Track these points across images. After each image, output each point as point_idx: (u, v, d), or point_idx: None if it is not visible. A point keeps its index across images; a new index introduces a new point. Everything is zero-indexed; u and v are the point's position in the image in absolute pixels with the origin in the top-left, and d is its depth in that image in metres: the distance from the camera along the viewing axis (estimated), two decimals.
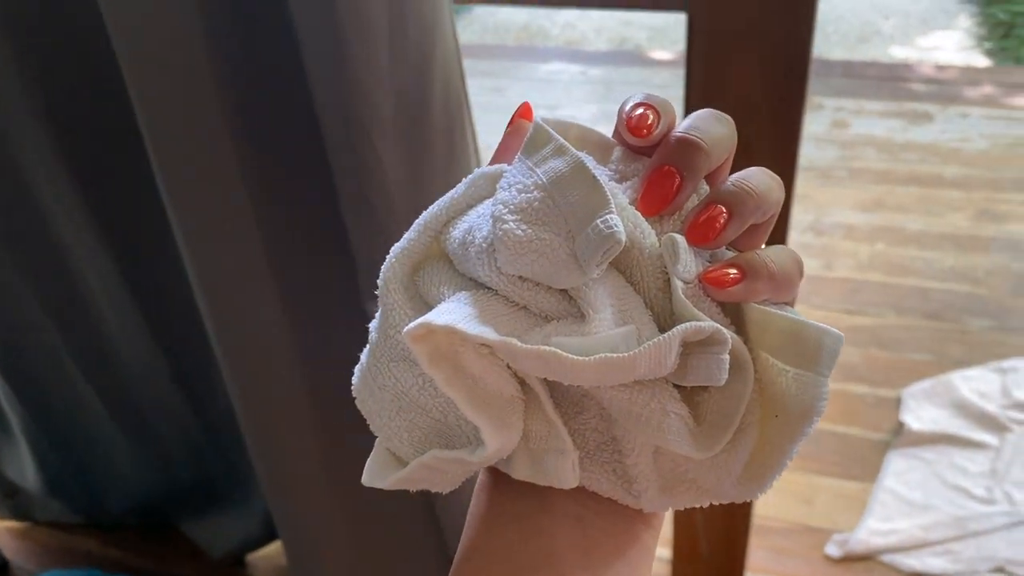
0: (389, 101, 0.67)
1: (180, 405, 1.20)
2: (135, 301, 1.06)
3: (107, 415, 1.24)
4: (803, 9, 0.69)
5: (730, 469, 0.30)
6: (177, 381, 1.17)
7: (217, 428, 1.22)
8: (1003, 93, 2.78)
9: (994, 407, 1.67)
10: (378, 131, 0.68)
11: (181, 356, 1.14)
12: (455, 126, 0.74)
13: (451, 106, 0.73)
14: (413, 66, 0.68)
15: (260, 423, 0.93)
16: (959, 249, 2.12)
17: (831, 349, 0.28)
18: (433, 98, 0.71)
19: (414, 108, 0.70)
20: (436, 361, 0.28)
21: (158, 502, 1.40)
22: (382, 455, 0.33)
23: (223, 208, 0.75)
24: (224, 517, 1.36)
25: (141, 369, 1.16)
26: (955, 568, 1.42)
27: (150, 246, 0.99)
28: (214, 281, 0.81)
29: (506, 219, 0.29)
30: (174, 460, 1.30)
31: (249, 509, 1.34)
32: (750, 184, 0.30)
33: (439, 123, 0.72)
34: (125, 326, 1.10)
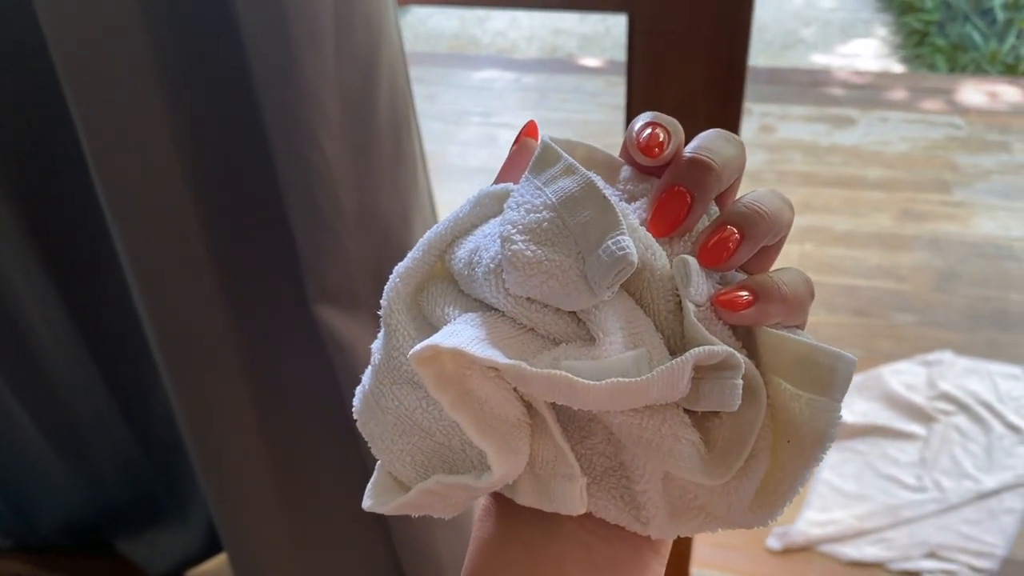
0: (336, 101, 0.67)
1: (115, 419, 1.17)
2: (67, 309, 1.03)
3: (37, 431, 1.19)
4: (741, 11, 0.71)
5: (741, 496, 0.29)
6: (112, 394, 1.13)
7: (154, 441, 1.19)
8: (919, 98, 2.89)
9: (921, 399, 1.73)
10: (325, 131, 0.67)
11: (117, 368, 1.10)
12: (401, 126, 0.74)
13: (397, 106, 0.73)
14: (360, 66, 0.67)
15: (205, 435, 0.91)
16: (884, 248, 2.19)
17: (844, 374, 0.28)
18: (380, 98, 0.70)
19: (361, 108, 0.69)
20: (442, 384, 0.28)
21: (92, 520, 1.36)
22: (384, 479, 0.32)
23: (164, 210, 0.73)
24: (162, 533, 1.33)
25: (74, 383, 1.12)
26: (889, 555, 1.46)
27: (85, 252, 0.96)
28: (155, 287, 0.79)
29: (515, 239, 0.29)
30: (108, 476, 1.27)
31: (188, 524, 1.30)
32: (762, 205, 0.30)
33: (386, 123, 0.72)
34: (57, 337, 1.07)
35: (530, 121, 0.35)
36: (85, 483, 1.28)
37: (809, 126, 2.76)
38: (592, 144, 0.33)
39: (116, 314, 1.00)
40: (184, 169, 0.71)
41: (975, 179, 2.44)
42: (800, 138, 2.70)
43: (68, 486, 1.29)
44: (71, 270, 0.99)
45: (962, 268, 2.11)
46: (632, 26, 0.74)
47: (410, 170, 0.77)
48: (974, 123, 2.71)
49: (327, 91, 0.66)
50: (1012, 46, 3.32)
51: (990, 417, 1.68)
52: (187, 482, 1.23)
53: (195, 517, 1.29)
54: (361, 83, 0.68)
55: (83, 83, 0.67)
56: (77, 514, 1.35)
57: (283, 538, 1.00)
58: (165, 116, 0.68)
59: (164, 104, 0.67)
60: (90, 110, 0.68)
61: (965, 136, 2.64)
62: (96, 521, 1.36)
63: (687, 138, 0.32)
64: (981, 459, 1.61)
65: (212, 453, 0.92)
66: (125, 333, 1.00)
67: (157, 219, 0.74)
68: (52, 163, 0.87)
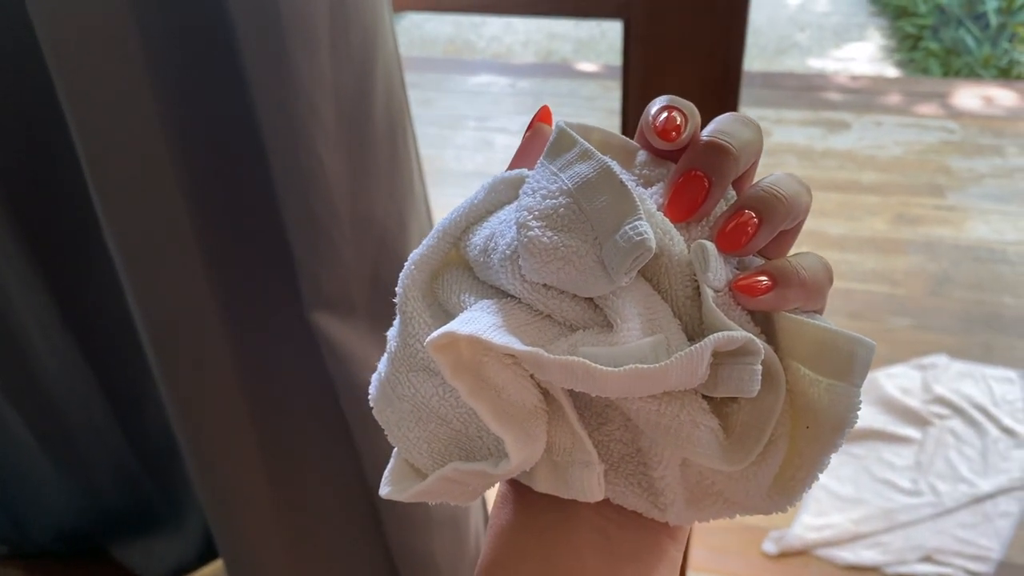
0: (331, 107, 0.67)
1: (110, 425, 1.16)
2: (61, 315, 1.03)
3: (32, 438, 1.19)
4: (736, 16, 0.71)
5: (760, 482, 0.29)
6: (107, 401, 1.13)
7: (149, 448, 1.19)
8: (913, 102, 2.90)
9: (916, 402, 1.73)
10: (320, 137, 0.67)
11: (112, 375, 1.10)
12: (397, 132, 0.74)
13: (393, 112, 0.73)
14: (355, 72, 0.67)
15: (200, 441, 0.90)
16: (878, 252, 2.20)
17: (864, 359, 0.28)
18: (375, 104, 0.70)
19: (357, 114, 0.69)
20: (459, 371, 0.27)
21: (87, 527, 1.36)
22: (400, 467, 0.32)
23: (159, 217, 0.73)
24: (158, 539, 1.32)
25: (69, 390, 1.12)
26: (885, 559, 1.46)
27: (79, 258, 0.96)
28: (150, 293, 0.78)
29: (531, 225, 0.28)
30: (104, 483, 1.26)
31: (184, 529, 1.30)
32: (780, 189, 0.29)
33: (382, 129, 0.72)
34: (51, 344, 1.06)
35: (543, 106, 0.34)
36: (80, 490, 1.28)
37: (804, 130, 2.77)
38: (607, 129, 0.33)
39: (111, 320, 1.00)
40: (179, 175, 0.70)
41: (969, 183, 2.45)
42: (795, 142, 2.71)
43: (63, 493, 1.28)
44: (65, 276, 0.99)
45: (956, 272, 2.12)
46: (628, 32, 0.74)
47: (406, 175, 0.77)
48: (968, 127, 2.72)
49: (322, 96, 0.66)
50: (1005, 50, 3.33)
51: (985, 421, 1.69)
52: (182, 488, 1.22)
53: (191, 523, 1.29)
54: (357, 88, 0.68)
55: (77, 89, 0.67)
56: (72, 521, 1.35)
57: (279, 543, 1.00)
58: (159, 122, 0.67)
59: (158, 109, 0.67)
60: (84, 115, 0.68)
61: (959, 140, 2.65)
62: (91, 528, 1.36)
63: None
64: (976, 463, 1.61)
65: (207, 459, 0.92)
66: (120, 339, 1.00)
67: (152, 225, 0.74)
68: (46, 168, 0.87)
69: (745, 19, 0.71)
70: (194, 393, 0.86)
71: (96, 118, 0.69)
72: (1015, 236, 2.22)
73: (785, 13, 3.99)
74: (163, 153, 0.70)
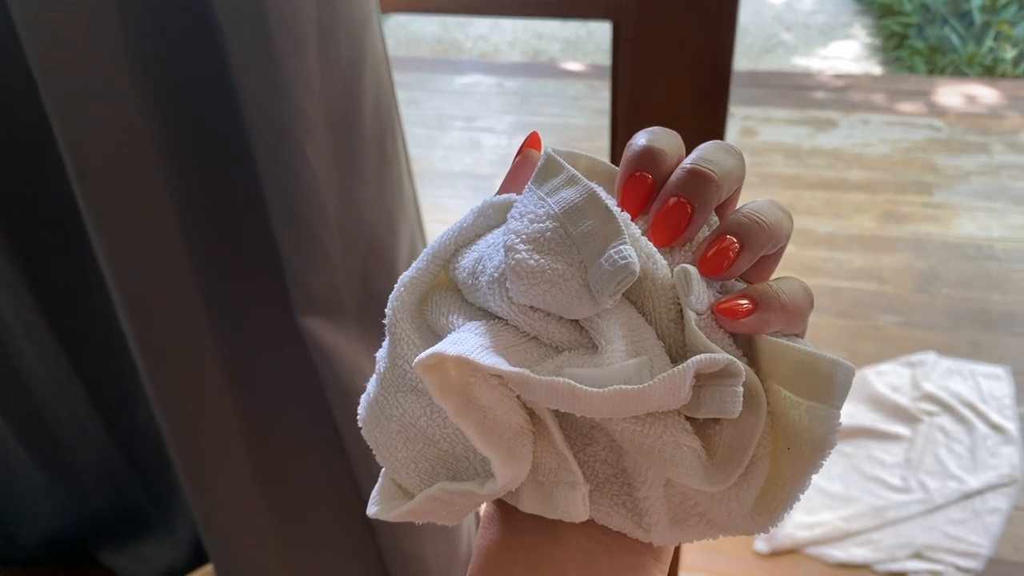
0: (320, 110, 0.66)
1: (98, 431, 1.15)
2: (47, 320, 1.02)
3: (18, 443, 1.18)
4: (725, 17, 0.71)
5: (742, 502, 0.29)
6: (95, 406, 1.12)
7: (138, 453, 1.18)
8: (899, 100, 2.91)
9: (906, 400, 1.74)
10: (309, 140, 0.67)
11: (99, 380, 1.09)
12: (386, 133, 0.74)
13: (382, 114, 0.72)
14: (344, 75, 0.67)
15: (190, 446, 0.90)
16: (866, 249, 2.21)
17: (843, 381, 0.28)
18: (364, 105, 0.70)
19: (345, 116, 0.69)
20: (446, 391, 0.28)
21: (75, 533, 1.34)
22: (388, 487, 0.32)
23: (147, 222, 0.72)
24: (147, 545, 1.31)
25: (55, 395, 1.11)
26: (876, 556, 1.47)
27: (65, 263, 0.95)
28: (138, 298, 0.78)
29: (518, 249, 0.29)
30: (92, 488, 1.25)
31: (174, 535, 1.29)
32: (761, 216, 0.30)
33: (370, 131, 0.71)
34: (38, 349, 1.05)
35: (532, 132, 0.35)
36: (68, 495, 1.27)
37: (791, 129, 2.78)
38: (594, 156, 0.34)
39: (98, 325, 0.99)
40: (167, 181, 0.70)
41: (955, 181, 2.46)
42: (782, 141, 2.72)
43: (51, 499, 1.27)
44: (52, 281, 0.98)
45: (944, 269, 2.12)
46: (617, 33, 0.74)
47: (395, 178, 0.77)
48: (954, 125, 2.73)
49: (310, 100, 0.66)
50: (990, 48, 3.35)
51: (973, 417, 1.70)
52: (172, 493, 1.21)
53: (180, 528, 1.28)
54: (345, 91, 0.68)
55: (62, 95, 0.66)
56: (60, 527, 1.34)
57: (269, 548, 0.99)
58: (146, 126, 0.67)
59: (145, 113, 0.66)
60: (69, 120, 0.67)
61: (945, 138, 2.66)
62: (80, 533, 1.35)
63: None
64: (965, 459, 1.62)
65: (197, 464, 0.91)
66: (107, 344, 0.99)
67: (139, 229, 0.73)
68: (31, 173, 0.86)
69: (735, 20, 0.71)
70: (183, 399, 0.86)
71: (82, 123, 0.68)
72: (1002, 233, 2.23)
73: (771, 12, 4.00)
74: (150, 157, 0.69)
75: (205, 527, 1.00)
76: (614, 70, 0.77)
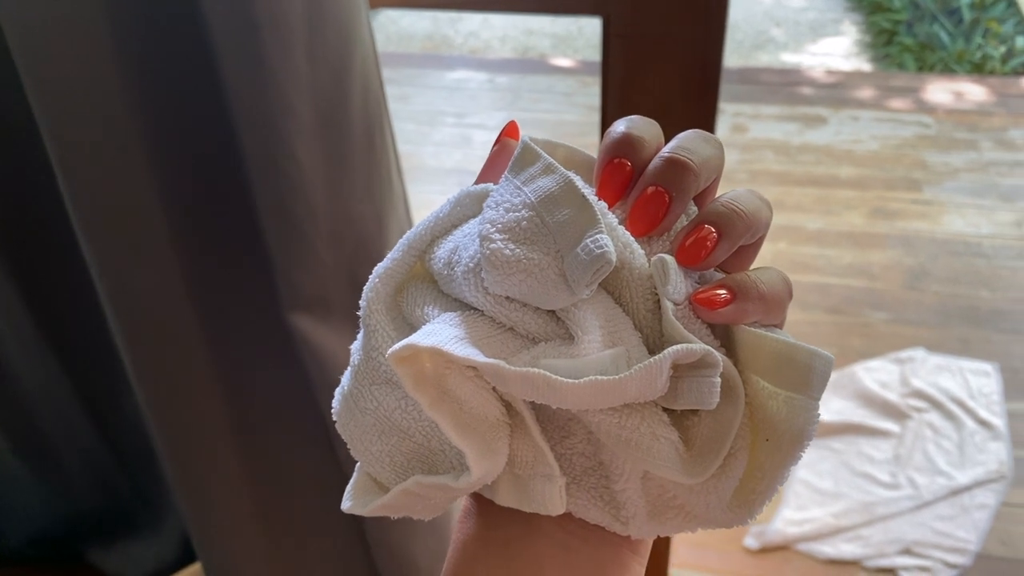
0: (308, 106, 0.66)
1: (84, 427, 1.15)
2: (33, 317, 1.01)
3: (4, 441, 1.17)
4: (715, 13, 0.71)
5: (720, 494, 0.29)
6: (82, 403, 1.11)
7: (126, 450, 1.17)
8: (888, 96, 2.92)
9: (895, 396, 1.74)
10: (297, 137, 0.66)
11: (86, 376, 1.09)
12: (375, 130, 0.73)
13: (370, 109, 0.72)
14: (332, 71, 0.66)
15: (177, 444, 0.89)
16: (856, 246, 2.21)
17: (822, 372, 0.28)
18: (353, 101, 0.69)
19: (334, 113, 0.68)
20: (420, 384, 0.27)
21: (62, 531, 1.34)
22: (363, 480, 0.32)
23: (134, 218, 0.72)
24: (135, 542, 1.31)
25: (42, 391, 1.10)
26: (865, 552, 1.47)
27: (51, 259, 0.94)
28: (125, 295, 0.77)
29: (493, 238, 0.29)
30: (79, 486, 1.24)
31: (162, 533, 1.29)
32: (739, 205, 0.30)
33: (359, 127, 0.71)
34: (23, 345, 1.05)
35: (511, 122, 0.35)
36: (56, 494, 1.26)
37: (781, 125, 2.78)
38: (572, 145, 0.34)
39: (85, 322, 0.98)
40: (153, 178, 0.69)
41: (944, 177, 2.47)
42: (772, 137, 2.72)
43: (38, 497, 1.27)
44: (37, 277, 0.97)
45: (933, 266, 2.13)
46: (607, 29, 0.74)
47: (385, 175, 0.76)
48: (943, 122, 2.74)
49: (299, 96, 0.65)
50: (979, 45, 3.36)
51: (962, 414, 1.70)
52: (160, 491, 1.21)
53: (169, 526, 1.28)
54: (333, 87, 0.67)
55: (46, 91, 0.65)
56: (47, 525, 1.33)
57: (258, 545, 0.99)
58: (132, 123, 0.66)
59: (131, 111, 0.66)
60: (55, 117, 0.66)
61: (934, 135, 2.67)
62: (67, 531, 1.34)
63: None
64: (954, 455, 1.63)
65: (184, 462, 0.91)
66: (94, 342, 0.98)
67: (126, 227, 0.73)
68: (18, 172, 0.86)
69: (724, 15, 0.71)
70: (170, 396, 0.85)
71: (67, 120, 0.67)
72: (990, 230, 2.24)
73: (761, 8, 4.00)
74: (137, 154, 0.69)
75: (192, 524, 0.99)
76: (604, 66, 0.77)
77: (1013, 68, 3.26)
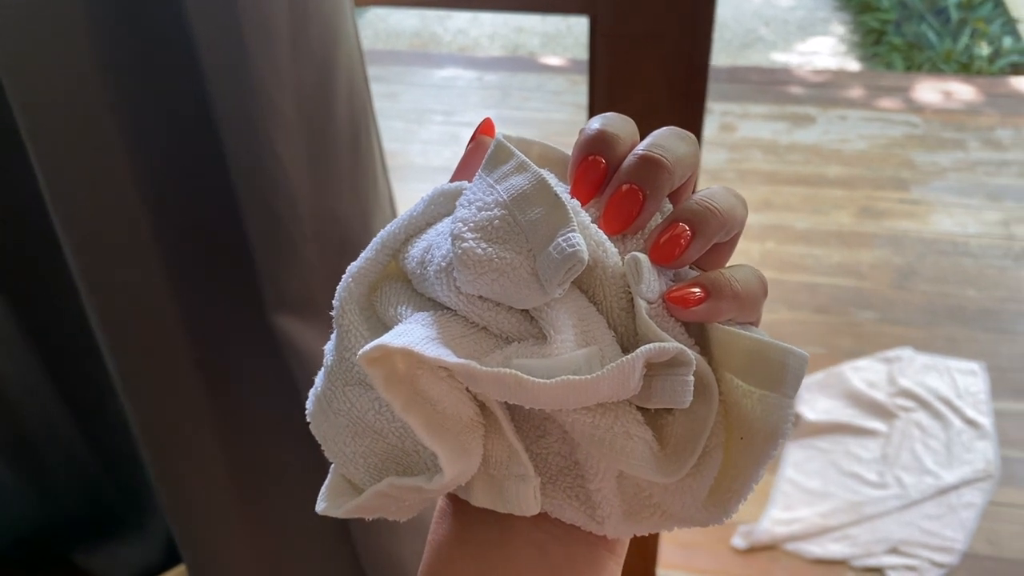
0: (291, 104, 0.65)
1: (68, 428, 1.14)
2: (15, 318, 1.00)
3: None
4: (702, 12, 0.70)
5: (695, 493, 0.29)
6: (66, 405, 1.11)
7: (110, 450, 1.16)
8: (877, 96, 2.92)
9: (882, 395, 1.75)
10: (280, 135, 0.66)
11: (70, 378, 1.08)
12: (360, 129, 0.73)
13: (355, 108, 0.71)
14: (316, 67, 0.66)
15: (161, 445, 0.88)
16: (844, 245, 2.22)
17: (795, 369, 0.28)
18: (337, 100, 0.69)
19: (317, 111, 0.68)
20: (392, 385, 0.27)
21: (47, 533, 1.33)
22: (337, 482, 0.32)
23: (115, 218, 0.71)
24: (121, 544, 1.30)
25: (25, 393, 1.09)
26: (853, 551, 1.47)
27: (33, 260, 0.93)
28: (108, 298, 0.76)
29: (465, 237, 0.28)
30: (64, 487, 1.24)
31: (148, 534, 1.28)
32: (714, 203, 0.30)
33: (343, 126, 0.70)
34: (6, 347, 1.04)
35: (486, 119, 0.34)
36: (40, 495, 1.25)
37: (769, 124, 2.79)
38: (549, 143, 0.34)
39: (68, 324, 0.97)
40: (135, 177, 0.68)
41: (932, 177, 2.48)
42: (760, 136, 2.72)
43: (23, 499, 1.26)
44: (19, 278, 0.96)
45: (920, 265, 2.14)
46: (594, 28, 0.73)
47: (369, 173, 0.76)
48: (930, 121, 2.74)
49: (282, 93, 0.64)
50: (966, 45, 3.37)
51: (949, 413, 1.71)
52: (146, 492, 1.20)
53: (154, 527, 1.27)
54: (317, 84, 0.67)
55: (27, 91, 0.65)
56: (32, 527, 1.32)
57: (243, 547, 0.98)
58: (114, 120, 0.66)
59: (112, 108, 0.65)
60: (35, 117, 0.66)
61: (922, 134, 2.68)
62: (52, 533, 1.33)
63: (643, 136, 0.32)
64: (941, 455, 1.63)
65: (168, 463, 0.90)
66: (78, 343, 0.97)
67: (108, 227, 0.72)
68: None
69: (712, 14, 0.71)
70: (154, 398, 0.85)
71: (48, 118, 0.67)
72: (977, 229, 2.25)
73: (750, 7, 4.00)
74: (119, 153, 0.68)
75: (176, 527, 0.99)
76: (591, 65, 0.76)
77: (1000, 68, 3.27)
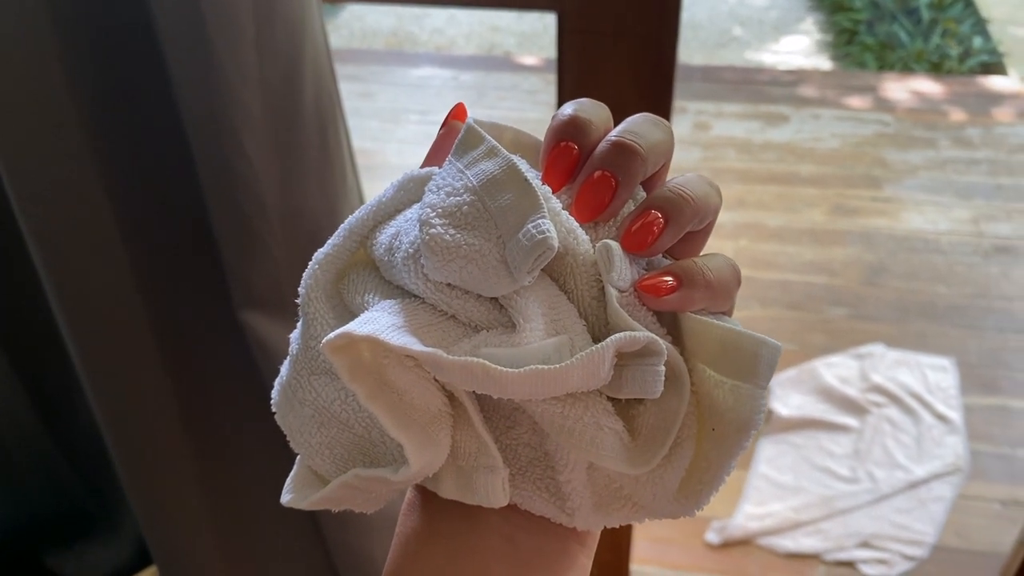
0: (258, 101, 0.65)
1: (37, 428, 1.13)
2: None
3: None
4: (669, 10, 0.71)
5: (666, 485, 0.28)
6: (33, 405, 1.09)
7: (79, 452, 1.15)
8: (849, 95, 2.95)
9: (854, 391, 1.76)
10: (247, 132, 0.65)
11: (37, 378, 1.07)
12: (328, 125, 0.72)
13: (323, 105, 0.71)
14: (282, 65, 0.66)
15: (129, 443, 0.88)
16: (816, 243, 2.24)
17: (768, 360, 0.27)
18: (304, 97, 0.69)
19: (285, 108, 0.67)
20: (357, 374, 0.27)
21: (16, 534, 1.31)
22: (303, 473, 0.31)
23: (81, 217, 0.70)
24: (91, 545, 1.29)
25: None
26: (825, 545, 1.49)
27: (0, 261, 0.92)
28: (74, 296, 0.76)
29: (433, 223, 0.28)
30: (33, 488, 1.22)
31: (118, 535, 1.27)
32: (688, 190, 0.29)
33: (311, 123, 0.70)
34: None
35: (458, 104, 0.34)
36: (9, 497, 1.24)
37: (743, 123, 2.80)
38: (520, 128, 0.33)
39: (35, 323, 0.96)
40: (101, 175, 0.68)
41: (904, 175, 2.50)
42: (734, 135, 2.74)
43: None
44: None
45: (892, 262, 2.16)
46: (562, 25, 0.74)
47: (338, 170, 0.75)
48: (902, 120, 2.77)
49: (248, 91, 0.64)
50: (937, 45, 3.41)
51: (920, 408, 1.73)
52: (115, 493, 1.19)
53: (125, 528, 1.26)
54: (284, 82, 0.67)
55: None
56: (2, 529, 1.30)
57: (214, 547, 0.98)
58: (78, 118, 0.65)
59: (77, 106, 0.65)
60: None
61: (893, 133, 2.70)
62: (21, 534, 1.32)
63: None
64: (912, 449, 1.65)
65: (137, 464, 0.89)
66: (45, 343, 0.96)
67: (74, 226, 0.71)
68: None
69: (678, 11, 0.71)
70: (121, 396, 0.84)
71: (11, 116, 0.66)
72: (948, 226, 2.28)
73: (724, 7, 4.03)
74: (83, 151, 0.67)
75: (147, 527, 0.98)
76: (560, 62, 0.76)
77: (970, 67, 3.31)
